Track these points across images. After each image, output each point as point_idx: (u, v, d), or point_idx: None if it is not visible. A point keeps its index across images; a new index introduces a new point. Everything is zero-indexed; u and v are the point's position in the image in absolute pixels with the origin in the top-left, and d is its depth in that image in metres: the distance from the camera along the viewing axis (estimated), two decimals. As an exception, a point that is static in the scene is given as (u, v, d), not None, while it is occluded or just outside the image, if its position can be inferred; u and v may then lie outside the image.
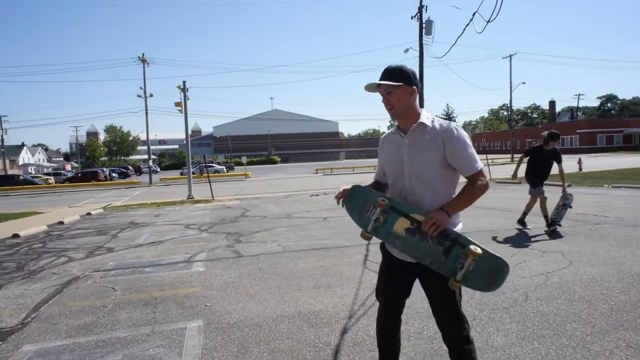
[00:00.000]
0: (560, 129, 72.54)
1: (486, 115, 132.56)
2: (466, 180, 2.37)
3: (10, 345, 3.86)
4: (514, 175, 8.85)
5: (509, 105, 52.91)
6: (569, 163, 32.20)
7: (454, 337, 2.36)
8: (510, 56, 47.71)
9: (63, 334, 4.07)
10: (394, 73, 2.34)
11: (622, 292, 4.34)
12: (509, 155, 50.88)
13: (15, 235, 10.76)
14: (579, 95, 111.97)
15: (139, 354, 3.52)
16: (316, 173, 42.58)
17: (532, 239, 7.11)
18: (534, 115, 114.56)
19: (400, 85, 2.31)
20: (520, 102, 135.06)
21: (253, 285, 5.31)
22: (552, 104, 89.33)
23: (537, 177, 8.46)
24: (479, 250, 2.17)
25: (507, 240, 7.12)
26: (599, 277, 4.86)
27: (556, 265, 5.46)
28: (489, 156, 34.99)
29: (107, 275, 6.28)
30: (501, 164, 40.66)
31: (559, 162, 8.19)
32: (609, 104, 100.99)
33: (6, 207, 20.42)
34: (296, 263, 6.36)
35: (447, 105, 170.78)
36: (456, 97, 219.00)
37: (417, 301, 4.40)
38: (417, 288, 2.48)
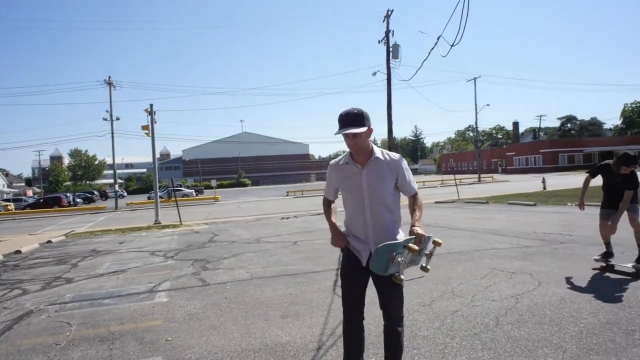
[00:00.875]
0: (524, 149, 74.83)
1: (453, 136, 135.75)
2: (408, 199, 3.04)
3: (-52, 392, 3.53)
4: (581, 204, 7.28)
5: (474, 126, 54.26)
6: (533, 182, 33.09)
7: (399, 318, 2.95)
8: (475, 79, 49.14)
9: (9, 377, 3.76)
10: (358, 119, 2.75)
11: (591, 314, 4.33)
12: (476, 175, 51.92)
13: (-33, 267, 10.16)
14: (541, 116, 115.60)
15: (90, 397, 3.26)
16: (287, 196, 42.36)
17: (501, 260, 7.12)
18: (499, 136, 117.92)
19: (363, 130, 2.76)
20: (486, 124, 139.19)
21: (218, 317, 5.09)
22: (516, 124, 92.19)
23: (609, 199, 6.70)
24: (416, 248, 2.68)
25: (475, 261, 7.11)
26: (567, 299, 4.86)
27: (525, 287, 5.45)
28: (457, 176, 35.60)
29: (63, 309, 5.92)
30: (469, 184, 41.42)
31: (629, 188, 6.08)
32: (569, 125, 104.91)
33: (-40, 236, 19.41)
34: (264, 291, 6.16)
35: (415, 126, 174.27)
36: (424, 118, 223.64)
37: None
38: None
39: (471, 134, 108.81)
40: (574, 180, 37.00)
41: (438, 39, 12.11)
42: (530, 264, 6.73)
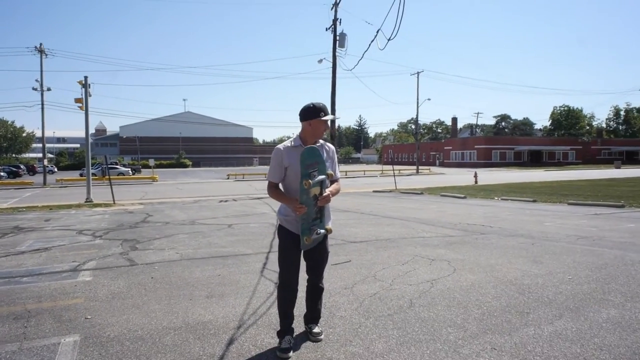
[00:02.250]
0: (460, 144, 77.93)
1: (396, 127, 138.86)
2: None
3: None
4: None
5: (415, 119, 55.83)
6: (467, 176, 34.68)
7: (321, 280, 3.75)
8: (418, 73, 50.49)
9: None
10: (309, 111, 3.45)
11: (494, 298, 4.72)
12: (415, 167, 53.62)
13: None
14: (478, 113, 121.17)
15: (-1, 374, 3.20)
16: (227, 178, 41.85)
17: (424, 247, 7.52)
18: (439, 130, 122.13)
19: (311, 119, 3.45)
20: (427, 117, 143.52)
21: (142, 296, 5.07)
22: (455, 120, 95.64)
23: None
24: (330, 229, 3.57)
25: (400, 248, 7.46)
26: (477, 284, 5.25)
27: (442, 273, 5.82)
28: (396, 167, 36.64)
29: (-24, 287, 5.65)
30: (407, 175, 42.74)
31: None
32: (503, 123, 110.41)
33: None
34: (192, 271, 6.18)
35: (360, 116, 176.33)
36: (368, 109, 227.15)
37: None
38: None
39: (413, 127, 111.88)
40: (504, 175, 39.10)
41: (377, 32, 12.47)
42: (450, 252, 7.16)
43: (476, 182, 27.56)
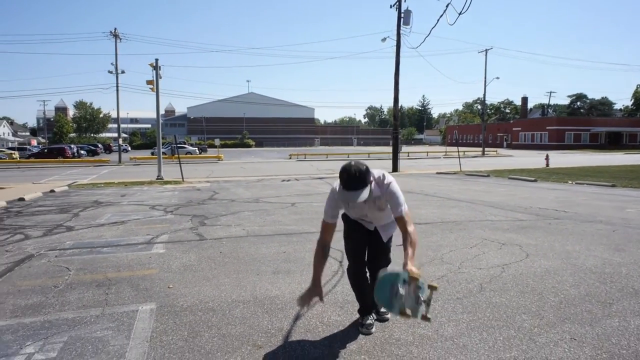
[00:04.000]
0: (530, 125, 74.15)
1: (461, 108, 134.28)
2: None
3: (-49, 324, 3.71)
4: None
5: (482, 99, 53.59)
6: (537, 159, 32.99)
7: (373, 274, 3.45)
8: (486, 50, 48.19)
9: (8, 313, 3.93)
10: (361, 179, 2.93)
11: (572, 286, 4.45)
12: (480, 149, 51.68)
13: (-29, 211, 10.36)
14: (551, 92, 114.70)
15: (85, 335, 3.42)
16: (290, 158, 42.40)
17: (494, 231, 7.23)
18: (507, 111, 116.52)
19: (366, 187, 2.97)
20: (494, 97, 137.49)
21: (212, 269, 5.24)
22: (525, 100, 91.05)
23: None
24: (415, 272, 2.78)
25: (468, 231, 7.22)
26: (552, 271, 4.97)
27: (513, 257, 5.57)
28: (461, 149, 35.50)
29: (63, 255, 6.10)
30: (472, 157, 41.32)
31: None
32: (578, 103, 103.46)
33: (-36, 181, 19.67)
34: (258, 248, 6.31)
35: (423, 96, 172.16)
36: (432, 88, 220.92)
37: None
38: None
39: (479, 107, 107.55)
40: (578, 158, 36.85)
41: (447, 6, 11.88)
42: (522, 236, 6.83)
43: (547, 164, 26.14)
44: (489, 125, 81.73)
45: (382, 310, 3.67)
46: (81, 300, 4.22)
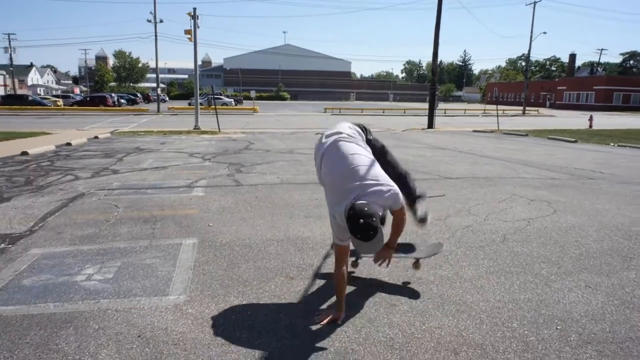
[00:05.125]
0: (576, 84, 70.89)
1: (504, 64, 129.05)
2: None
3: (19, 248, 4.18)
4: None
5: (527, 55, 51.37)
6: (580, 120, 31.84)
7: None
8: (535, 3, 45.73)
9: (67, 241, 4.38)
10: (373, 234, 2.59)
11: (595, 241, 4.56)
12: (521, 108, 50.05)
13: (24, 153, 11.04)
14: (601, 50, 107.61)
15: (136, 262, 3.82)
16: (324, 112, 42.30)
17: (524, 188, 7.28)
18: (553, 68, 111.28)
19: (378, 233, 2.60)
20: (540, 54, 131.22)
21: (248, 211, 5.58)
22: (573, 57, 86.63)
23: None
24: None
25: (498, 187, 7.30)
26: (577, 226, 5.07)
27: (540, 212, 5.66)
28: (501, 107, 34.54)
29: (111, 194, 6.57)
30: (512, 116, 40.19)
31: None
32: (631, 61, 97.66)
33: (16, 126, 20.72)
34: (292, 194, 6.60)
35: (465, 51, 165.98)
36: (474, 44, 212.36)
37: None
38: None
39: (523, 64, 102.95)
40: (624, 120, 35.34)
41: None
42: (552, 194, 6.87)
43: (591, 126, 25.25)
44: (532, 84, 78.65)
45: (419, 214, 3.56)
46: (131, 233, 4.63)
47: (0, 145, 12.73)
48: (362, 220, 2.57)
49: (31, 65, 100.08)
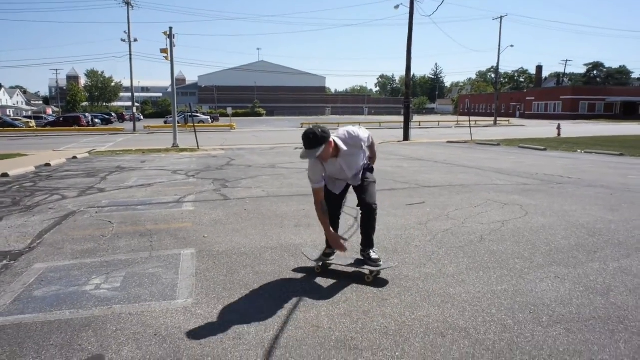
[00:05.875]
0: (544, 94, 73.30)
1: (474, 77, 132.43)
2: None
3: (22, 264, 4.34)
4: None
5: (496, 68, 53.04)
6: (549, 129, 33.02)
7: (373, 201, 3.89)
8: (501, 18, 47.47)
9: (69, 256, 4.55)
10: (312, 141, 3.54)
11: (564, 238, 4.97)
12: (492, 118, 51.54)
13: (5, 175, 11.03)
14: (566, 61, 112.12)
15: (140, 272, 4.03)
16: (301, 127, 42.73)
17: (498, 193, 7.71)
18: (521, 80, 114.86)
19: (323, 147, 3.54)
20: (508, 66, 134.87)
21: (239, 223, 5.84)
22: (539, 68, 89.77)
23: None
24: None
25: (474, 193, 7.72)
26: (547, 226, 5.49)
27: (513, 215, 6.08)
28: (473, 118, 35.55)
29: (102, 211, 6.73)
30: (484, 126, 41.36)
31: None
32: (595, 72, 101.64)
33: (-10, 147, 20.43)
34: (279, 206, 6.88)
35: (436, 64, 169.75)
36: (445, 57, 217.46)
37: (385, 239, 4.99)
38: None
39: (493, 76, 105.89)
40: (590, 128, 36.75)
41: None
42: (524, 198, 7.32)
43: (559, 134, 26.27)
44: (502, 95, 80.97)
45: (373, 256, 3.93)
46: (129, 246, 4.83)
47: (-21, 167, 12.65)
48: (306, 131, 3.57)
49: (0, 87, 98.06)
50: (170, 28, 21.29)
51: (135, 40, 37.84)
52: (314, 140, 3.54)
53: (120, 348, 2.72)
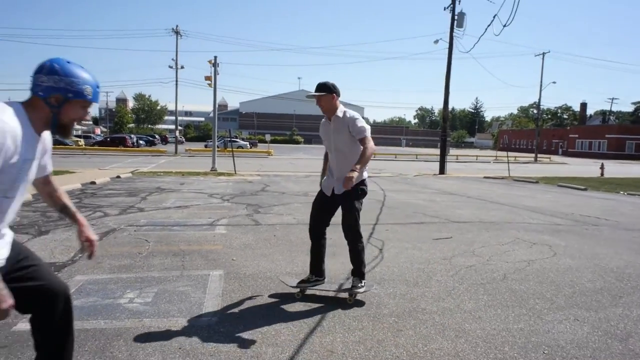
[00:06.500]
0: (588, 132, 71.36)
1: (515, 112, 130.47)
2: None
3: (65, 275, 4.67)
4: None
5: (537, 103, 52.25)
6: (592, 167, 32.13)
7: (352, 222, 4.24)
8: (543, 54, 47.07)
9: (107, 270, 4.86)
10: (321, 87, 3.98)
11: (589, 281, 4.92)
12: (533, 155, 50.50)
13: (54, 190, 11.70)
14: (613, 99, 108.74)
15: (171, 289, 4.28)
16: (337, 156, 43.04)
17: (528, 232, 7.65)
18: (564, 116, 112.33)
19: (323, 95, 3.95)
20: (551, 102, 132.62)
21: (268, 248, 6.05)
22: (584, 105, 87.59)
23: None
24: None
25: (503, 231, 7.68)
26: (574, 268, 5.43)
27: (540, 255, 6.04)
28: (513, 154, 35.01)
29: (140, 230, 7.09)
30: (524, 163, 40.59)
31: None
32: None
33: (42, 164, 21.62)
34: (308, 234, 7.04)
35: (476, 98, 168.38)
36: (486, 91, 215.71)
37: (407, 272, 5.08)
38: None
39: (535, 111, 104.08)
40: (636, 169, 35.48)
41: (494, 17, 12.35)
42: (554, 238, 7.24)
43: (602, 174, 25.53)
44: (544, 131, 79.40)
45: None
46: (163, 264, 5.11)
47: (31, 182, 13.46)
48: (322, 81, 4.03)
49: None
50: (215, 57, 22.26)
51: (182, 67, 39.59)
52: (323, 85, 3.98)
53: (147, 358, 2.93)
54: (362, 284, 4.12)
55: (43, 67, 2.00)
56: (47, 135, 2.18)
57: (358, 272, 4.16)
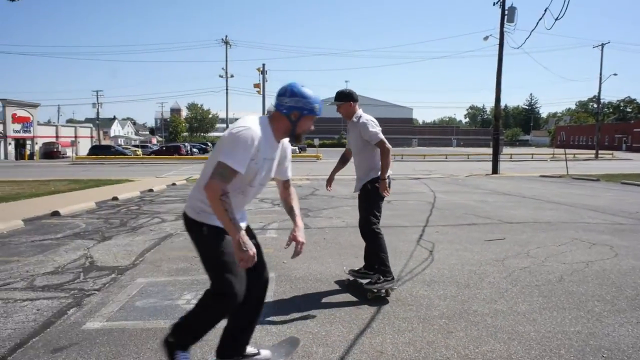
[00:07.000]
0: (655, 125, 66.99)
1: (574, 107, 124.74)
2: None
3: (127, 278, 4.96)
4: None
5: (597, 97, 49.71)
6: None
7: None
8: (602, 45, 44.80)
9: (166, 273, 5.12)
10: (339, 96, 4.48)
11: (655, 283, 4.67)
12: (593, 151, 48.02)
13: (115, 198, 12.36)
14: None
15: (225, 291, 4.44)
16: (386, 159, 42.74)
17: (587, 232, 7.33)
18: (628, 110, 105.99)
19: (342, 103, 4.43)
20: (614, 95, 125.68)
21: (318, 251, 6.15)
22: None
23: None
24: None
25: (560, 231, 7.40)
26: (638, 269, 5.17)
27: (600, 256, 5.78)
28: (572, 151, 33.51)
29: (195, 235, 7.36)
30: (583, 160, 38.73)
31: None
32: None
33: (104, 174, 22.91)
34: (357, 237, 7.03)
35: (531, 95, 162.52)
36: (541, 87, 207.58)
37: (458, 273, 5.02)
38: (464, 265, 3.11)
39: (594, 106, 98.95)
40: None
41: (545, 10, 11.90)
42: (616, 238, 6.89)
43: (669, 170, 23.95)
44: (606, 126, 75.40)
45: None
46: (217, 268, 5.30)
47: (95, 191, 14.31)
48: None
49: (114, 118, 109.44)
50: (263, 65, 22.88)
51: (232, 76, 40.74)
52: (341, 94, 4.44)
53: (205, 356, 3.08)
54: (378, 282, 4.23)
55: (286, 91, 2.57)
56: (287, 145, 2.85)
57: (376, 269, 4.35)
